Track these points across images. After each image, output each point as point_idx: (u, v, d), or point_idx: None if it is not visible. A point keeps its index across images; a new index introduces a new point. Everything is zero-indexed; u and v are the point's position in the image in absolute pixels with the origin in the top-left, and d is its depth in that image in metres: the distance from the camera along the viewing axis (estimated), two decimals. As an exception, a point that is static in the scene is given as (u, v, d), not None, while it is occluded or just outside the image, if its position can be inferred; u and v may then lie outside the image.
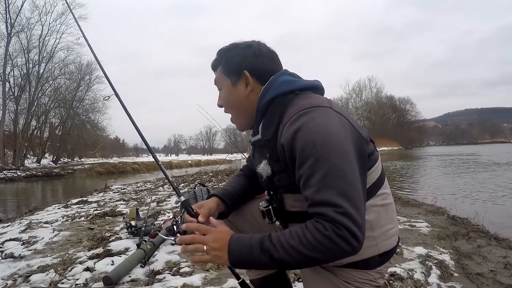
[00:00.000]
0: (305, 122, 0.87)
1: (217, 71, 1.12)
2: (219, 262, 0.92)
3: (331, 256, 0.85)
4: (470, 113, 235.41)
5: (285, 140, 0.89)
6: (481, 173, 10.61)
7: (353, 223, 0.81)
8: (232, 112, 1.13)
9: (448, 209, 4.52)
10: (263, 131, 1.02)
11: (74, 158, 36.11)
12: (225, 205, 1.22)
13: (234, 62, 1.06)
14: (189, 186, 8.07)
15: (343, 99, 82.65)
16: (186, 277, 2.17)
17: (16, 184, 15.15)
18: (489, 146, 56.33)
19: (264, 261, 0.87)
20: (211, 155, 66.65)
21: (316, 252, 0.83)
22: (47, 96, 29.33)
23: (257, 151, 1.12)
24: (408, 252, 2.59)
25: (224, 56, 1.09)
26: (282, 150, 0.92)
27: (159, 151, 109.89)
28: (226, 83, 1.09)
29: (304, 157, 0.86)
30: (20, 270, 2.44)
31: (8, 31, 23.97)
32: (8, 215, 6.04)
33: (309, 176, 0.85)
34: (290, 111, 0.93)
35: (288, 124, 0.90)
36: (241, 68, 1.05)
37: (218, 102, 1.15)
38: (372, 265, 1.01)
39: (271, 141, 0.98)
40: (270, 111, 1.01)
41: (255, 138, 1.09)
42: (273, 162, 1.00)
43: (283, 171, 0.97)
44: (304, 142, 0.85)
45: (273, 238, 0.87)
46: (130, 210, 3.85)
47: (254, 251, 0.88)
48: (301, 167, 0.87)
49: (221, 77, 1.10)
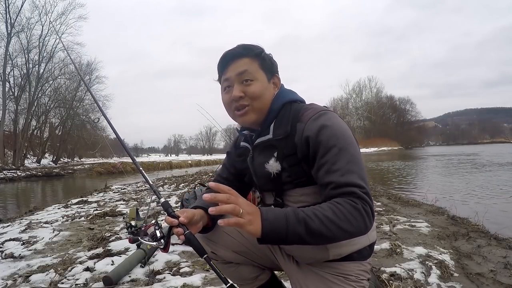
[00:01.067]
0: (326, 119, 1.01)
1: (244, 61, 1.11)
2: (251, 229, 0.86)
3: (357, 229, 0.91)
4: (470, 113, 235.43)
5: (311, 133, 1.00)
6: (481, 173, 10.61)
7: (372, 203, 0.94)
8: (259, 103, 1.11)
9: (448, 209, 4.52)
10: (275, 131, 1.09)
11: (74, 158, 36.12)
12: (208, 218, 1.17)
13: (271, 62, 1.16)
14: (189, 186, 8.07)
15: (343, 99, 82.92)
16: (186, 277, 2.17)
17: (16, 184, 15.15)
18: (489, 146, 56.33)
19: (299, 230, 0.88)
20: (211, 155, 66.62)
21: (348, 223, 0.89)
22: (47, 96, 29.36)
23: (260, 152, 1.14)
24: (408, 252, 2.59)
25: (257, 51, 1.12)
26: (306, 143, 1.01)
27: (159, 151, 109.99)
28: (262, 77, 1.12)
29: (328, 147, 0.98)
30: (20, 270, 2.44)
31: (8, 31, 23.96)
32: (8, 215, 6.04)
33: (334, 162, 0.96)
34: (308, 113, 1.06)
35: (311, 121, 1.02)
36: (275, 70, 1.17)
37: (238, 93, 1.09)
38: (365, 255, 1.12)
39: (286, 138, 1.06)
40: (281, 113, 1.10)
41: (262, 139, 1.12)
42: (284, 158, 1.06)
43: (296, 164, 1.05)
44: (329, 135, 0.98)
45: (306, 210, 0.90)
46: (130, 210, 3.85)
47: (290, 220, 0.88)
48: (326, 155, 0.98)
49: (257, 69, 1.12)
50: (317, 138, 0.99)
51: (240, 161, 1.27)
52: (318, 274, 1.11)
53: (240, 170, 1.29)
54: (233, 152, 1.33)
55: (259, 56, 1.12)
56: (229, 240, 1.24)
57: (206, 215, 1.15)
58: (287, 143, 1.06)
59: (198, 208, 1.15)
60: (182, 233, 1.01)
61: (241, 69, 1.10)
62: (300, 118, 1.06)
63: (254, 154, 1.17)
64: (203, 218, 1.14)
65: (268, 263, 1.29)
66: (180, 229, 1.02)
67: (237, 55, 1.11)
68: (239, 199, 0.88)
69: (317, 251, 1.09)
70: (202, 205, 1.16)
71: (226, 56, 1.13)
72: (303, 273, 1.14)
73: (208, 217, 1.16)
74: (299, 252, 1.15)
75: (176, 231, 1.02)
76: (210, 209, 0.86)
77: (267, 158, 1.10)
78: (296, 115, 1.08)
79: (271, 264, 1.30)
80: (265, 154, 1.11)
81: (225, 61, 1.13)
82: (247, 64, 1.10)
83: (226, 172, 1.34)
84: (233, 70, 1.11)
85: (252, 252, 1.25)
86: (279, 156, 1.07)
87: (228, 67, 1.13)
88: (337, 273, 1.09)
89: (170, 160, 34.92)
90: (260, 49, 1.14)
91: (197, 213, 1.12)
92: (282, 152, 1.07)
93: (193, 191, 3.62)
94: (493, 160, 16.58)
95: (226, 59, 1.13)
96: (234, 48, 1.13)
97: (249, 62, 1.11)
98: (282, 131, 1.07)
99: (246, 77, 1.10)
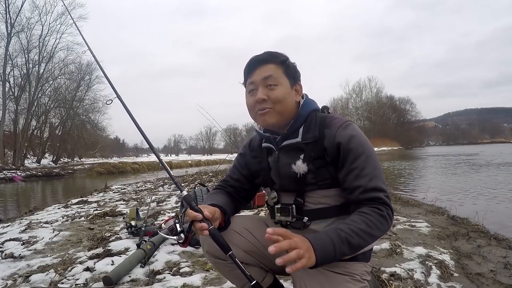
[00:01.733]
0: (353, 129, 1.12)
1: (269, 67, 1.17)
2: (309, 264, 0.90)
3: (383, 232, 1.04)
4: (470, 113, 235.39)
5: (343, 140, 1.09)
6: (482, 173, 10.61)
7: (391, 204, 1.07)
8: (280, 107, 1.16)
9: (448, 209, 4.52)
10: (304, 134, 1.16)
11: (74, 158, 36.11)
12: (223, 217, 1.18)
13: (295, 70, 1.22)
14: (189, 186, 8.07)
15: (343, 99, 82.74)
16: (186, 277, 2.17)
17: (16, 184, 15.15)
18: (489, 146, 56.33)
19: (344, 250, 0.96)
20: (211, 155, 66.61)
21: (378, 230, 1.01)
22: (47, 96, 29.30)
23: (285, 153, 1.20)
24: (408, 252, 2.59)
25: (282, 59, 1.19)
26: (337, 148, 1.10)
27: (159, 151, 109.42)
28: (286, 82, 1.17)
29: (358, 154, 1.08)
30: (20, 270, 2.44)
31: (8, 31, 23.93)
32: (8, 215, 6.04)
33: (363, 168, 1.07)
34: (335, 121, 1.14)
35: (341, 129, 1.11)
36: (298, 78, 1.23)
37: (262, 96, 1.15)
38: (367, 257, 1.18)
39: (315, 142, 1.14)
40: (309, 120, 1.18)
41: (291, 141, 1.18)
42: (312, 160, 1.13)
43: (323, 167, 1.13)
44: (358, 144, 1.09)
45: (343, 228, 0.98)
46: (130, 210, 3.85)
47: (336, 244, 0.95)
48: (355, 161, 1.07)
49: (281, 75, 1.17)
50: (348, 146, 1.08)
51: (255, 162, 1.30)
52: (324, 273, 1.11)
53: (254, 172, 1.32)
54: (248, 153, 1.35)
55: (284, 63, 1.18)
56: (240, 240, 1.25)
57: (221, 213, 1.17)
58: (315, 146, 1.13)
59: (214, 206, 1.17)
60: (207, 228, 1.02)
61: (266, 74, 1.16)
62: (328, 125, 1.14)
63: (280, 154, 1.21)
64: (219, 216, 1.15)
65: (275, 265, 1.29)
66: (205, 224, 1.03)
67: (263, 60, 1.18)
68: (295, 238, 0.90)
69: None
70: (219, 204, 1.19)
71: (253, 61, 1.19)
72: (308, 272, 1.14)
73: (223, 217, 1.18)
74: None
75: (200, 226, 1.02)
76: (278, 260, 0.87)
77: (294, 159, 1.15)
78: (322, 122, 1.16)
79: (278, 267, 1.29)
80: (291, 156, 1.17)
81: (252, 65, 1.19)
82: (272, 69, 1.16)
83: (237, 174, 1.36)
84: (259, 74, 1.17)
85: (262, 252, 1.26)
86: (306, 158, 1.14)
87: (254, 71, 1.18)
88: (344, 272, 1.11)
89: (170, 160, 34.96)
90: (285, 57, 1.20)
91: (217, 211, 1.14)
92: (309, 155, 1.14)
93: (193, 191, 3.61)
94: (494, 160, 16.58)
95: (252, 64, 1.19)
96: (261, 54, 1.20)
97: (274, 68, 1.16)
98: (311, 135, 1.15)
99: (271, 82, 1.15)
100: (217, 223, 1.13)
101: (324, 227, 1.13)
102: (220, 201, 1.23)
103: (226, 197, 1.29)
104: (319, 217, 1.15)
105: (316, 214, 1.15)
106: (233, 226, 1.26)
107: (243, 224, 1.29)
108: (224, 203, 1.23)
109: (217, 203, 1.19)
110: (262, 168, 1.27)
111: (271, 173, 1.24)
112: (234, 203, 1.31)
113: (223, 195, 1.31)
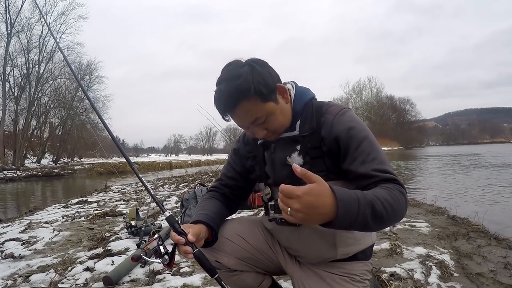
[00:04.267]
0: (351, 116, 1.08)
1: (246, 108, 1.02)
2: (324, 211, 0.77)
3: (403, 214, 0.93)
4: (470, 113, 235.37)
5: (342, 127, 1.04)
6: (481, 173, 10.60)
7: None
8: (281, 128, 1.11)
9: (448, 209, 4.52)
10: (301, 127, 1.11)
11: (74, 158, 36.11)
12: (210, 232, 1.13)
13: (266, 83, 1.02)
14: (189, 186, 8.07)
15: (343, 99, 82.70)
16: (186, 277, 2.17)
17: (16, 184, 15.14)
18: (489, 146, 56.30)
19: (367, 213, 0.81)
20: (211, 155, 66.60)
21: (400, 207, 0.90)
22: (47, 96, 29.31)
23: (282, 145, 1.14)
24: (408, 252, 2.59)
25: (247, 89, 0.99)
26: (336, 138, 1.05)
27: (159, 151, 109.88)
28: (270, 107, 1.05)
29: (360, 139, 1.02)
30: (20, 270, 2.44)
31: (8, 31, 23.95)
32: (8, 215, 6.04)
33: (369, 153, 1.00)
34: (332, 109, 1.10)
35: (339, 116, 1.07)
36: (273, 83, 1.06)
37: (261, 133, 1.09)
38: (368, 255, 1.16)
39: (313, 133, 1.09)
40: (305, 112, 1.12)
41: (288, 134, 1.13)
42: (308, 151, 1.09)
43: (318, 157, 1.07)
44: (359, 129, 1.04)
45: (368, 193, 0.86)
46: (130, 210, 3.85)
47: (361, 202, 0.80)
48: (359, 146, 1.01)
49: (262, 106, 1.03)
50: (348, 133, 1.03)
51: (250, 157, 1.25)
52: (322, 275, 1.11)
53: (249, 167, 1.26)
54: (242, 147, 1.29)
55: (255, 93, 1.00)
56: (232, 247, 1.22)
57: (207, 229, 1.12)
58: (312, 136, 1.09)
59: (199, 223, 1.11)
60: (191, 251, 0.98)
61: (251, 119, 1.05)
62: (325, 113, 1.09)
63: (276, 147, 1.16)
64: (205, 233, 1.10)
65: (271, 268, 1.28)
66: (189, 247, 0.98)
67: (233, 105, 1.02)
68: None
69: (325, 251, 1.10)
70: (204, 220, 1.13)
71: (223, 110, 1.05)
72: (306, 274, 1.15)
73: (209, 231, 1.13)
74: (306, 252, 1.15)
75: (184, 250, 0.98)
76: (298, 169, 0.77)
77: (290, 152, 1.11)
78: (319, 110, 1.11)
79: (274, 269, 1.29)
80: (288, 148, 1.13)
81: (225, 113, 1.06)
82: (251, 110, 1.02)
83: (232, 171, 1.31)
84: (242, 121, 1.07)
85: (255, 257, 1.24)
86: (302, 150, 1.10)
87: (233, 117, 1.07)
88: (343, 273, 1.10)
89: (170, 160, 34.91)
90: (246, 83, 0.99)
91: (202, 230, 1.09)
92: (306, 146, 1.09)
93: (193, 191, 3.61)
94: (494, 161, 16.57)
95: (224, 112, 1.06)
96: (224, 97, 1.02)
97: (251, 106, 1.02)
98: (308, 127, 1.10)
99: (259, 121, 1.05)
100: (202, 242, 1.09)
101: None
102: (210, 213, 1.17)
103: (218, 204, 1.24)
104: None
105: None
106: (225, 234, 1.22)
107: (236, 230, 1.25)
108: (214, 214, 1.18)
109: (204, 219, 1.13)
110: (257, 162, 1.22)
111: (266, 167, 1.19)
112: (229, 206, 1.28)
113: (215, 201, 1.26)
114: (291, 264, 1.21)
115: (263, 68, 1.05)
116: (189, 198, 3.50)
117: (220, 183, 1.33)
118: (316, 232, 1.10)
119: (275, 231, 1.22)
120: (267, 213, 1.21)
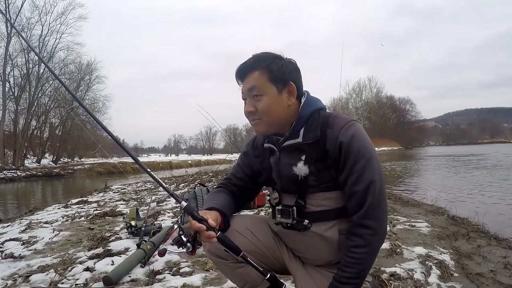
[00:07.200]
0: (356, 129, 1.08)
1: (254, 75, 1.13)
2: None
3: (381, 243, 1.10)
4: (470, 113, 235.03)
5: (345, 140, 1.06)
6: (481, 173, 10.60)
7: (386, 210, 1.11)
8: (268, 117, 1.14)
9: (448, 209, 4.52)
10: (305, 135, 1.13)
11: (74, 158, 36.11)
12: (222, 220, 1.18)
13: (282, 71, 1.12)
14: (189, 186, 8.07)
15: (343, 99, 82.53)
16: (186, 277, 2.17)
17: (16, 184, 15.15)
18: (490, 146, 56.27)
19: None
20: (211, 155, 66.56)
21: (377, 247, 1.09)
22: (47, 96, 29.31)
23: (287, 154, 1.17)
24: (408, 252, 2.59)
25: (266, 63, 1.12)
26: (339, 149, 1.07)
27: (159, 151, 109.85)
28: (271, 90, 1.12)
29: (359, 156, 1.05)
30: (20, 270, 2.44)
31: (8, 31, 23.93)
32: (8, 215, 6.04)
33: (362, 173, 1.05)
34: (338, 121, 1.10)
35: (344, 129, 1.07)
36: (288, 78, 1.13)
37: (249, 108, 1.14)
38: None
39: (316, 143, 1.10)
40: (311, 120, 1.14)
41: (291, 142, 1.15)
42: (313, 162, 1.10)
43: (324, 170, 1.10)
44: (360, 145, 1.06)
45: (344, 269, 1.06)
46: (130, 210, 3.84)
47: None
48: (356, 163, 1.05)
49: (265, 83, 1.12)
50: (349, 147, 1.06)
51: (258, 162, 1.29)
52: (325, 275, 1.14)
53: (257, 171, 1.30)
54: (250, 152, 1.33)
55: (267, 68, 1.11)
56: (241, 240, 1.24)
57: (220, 216, 1.16)
58: (316, 148, 1.10)
59: (213, 210, 1.16)
60: (215, 235, 1.03)
61: (250, 85, 1.13)
62: (330, 125, 1.10)
63: (281, 155, 1.18)
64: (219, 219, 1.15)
65: (276, 265, 1.30)
66: (212, 232, 1.03)
67: (248, 68, 1.14)
68: None
69: (328, 254, 1.14)
70: (217, 207, 1.18)
71: (239, 69, 1.17)
72: (309, 274, 1.18)
73: (222, 219, 1.17)
74: (310, 255, 1.18)
75: (207, 235, 1.03)
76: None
77: (295, 161, 1.13)
78: (325, 121, 1.12)
79: (278, 267, 1.31)
80: (293, 157, 1.14)
81: (239, 74, 1.17)
82: (255, 78, 1.12)
83: (241, 173, 1.35)
84: (245, 85, 1.15)
85: (262, 252, 1.27)
86: (308, 160, 1.11)
87: (242, 80, 1.17)
88: None
89: (170, 160, 34.90)
90: (269, 59, 1.13)
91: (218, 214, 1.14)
92: (311, 156, 1.11)
93: (193, 191, 3.61)
94: (495, 161, 16.56)
95: (239, 73, 1.17)
96: (247, 60, 1.16)
97: (258, 76, 1.12)
98: (312, 135, 1.11)
99: (255, 92, 1.12)
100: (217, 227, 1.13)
101: (325, 230, 1.13)
102: (221, 202, 1.22)
103: (227, 197, 1.29)
104: (320, 219, 1.14)
105: (317, 216, 1.14)
106: (235, 226, 1.25)
107: (245, 224, 1.29)
108: (225, 204, 1.23)
109: (217, 206, 1.18)
110: (264, 168, 1.26)
111: (273, 174, 1.23)
112: (236, 202, 1.31)
113: (225, 194, 1.30)
114: (294, 263, 1.24)
115: (290, 64, 1.15)
116: (189, 198, 3.50)
117: (229, 181, 1.36)
118: (320, 237, 1.13)
119: (281, 234, 1.26)
120: (274, 216, 1.25)
